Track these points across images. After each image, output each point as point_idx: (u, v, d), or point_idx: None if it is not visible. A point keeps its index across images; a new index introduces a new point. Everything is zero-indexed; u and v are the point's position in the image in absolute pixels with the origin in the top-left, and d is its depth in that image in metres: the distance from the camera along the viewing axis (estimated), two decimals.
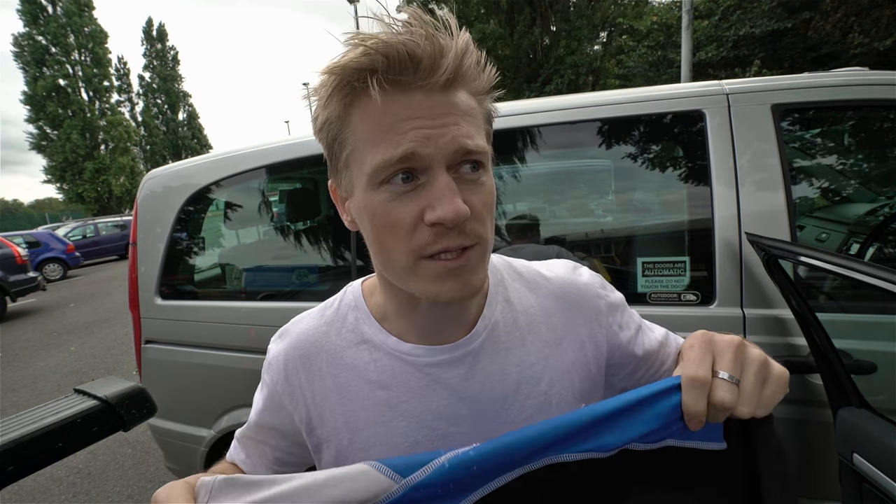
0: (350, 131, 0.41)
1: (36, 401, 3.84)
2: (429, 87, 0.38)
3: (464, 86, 0.41)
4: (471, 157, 0.40)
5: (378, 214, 0.40)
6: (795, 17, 7.64)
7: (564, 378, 0.52)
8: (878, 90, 1.10)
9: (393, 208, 0.39)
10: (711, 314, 1.13)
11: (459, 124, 0.39)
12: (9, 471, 0.38)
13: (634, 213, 1.47)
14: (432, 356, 0.49)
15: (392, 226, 0.40)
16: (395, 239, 0.40)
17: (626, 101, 1.27)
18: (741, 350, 0.38)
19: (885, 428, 0.84)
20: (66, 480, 2.73)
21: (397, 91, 0.38)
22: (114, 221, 14.85)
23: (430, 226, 0.39)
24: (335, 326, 0.53)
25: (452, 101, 0.39)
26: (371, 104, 0.38)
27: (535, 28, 14.61)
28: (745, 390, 0.37)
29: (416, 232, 0.39)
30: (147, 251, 1.72)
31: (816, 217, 1.68)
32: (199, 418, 1.66)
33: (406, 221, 0.39)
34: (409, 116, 0.38)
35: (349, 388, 0.50)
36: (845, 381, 0.92)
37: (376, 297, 0.53)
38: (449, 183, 0.38)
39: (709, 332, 0.41)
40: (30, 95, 24.28)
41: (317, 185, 1.72)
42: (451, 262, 0.40)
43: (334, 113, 0.41)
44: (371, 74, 0.37)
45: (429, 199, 0.38)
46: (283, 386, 0.52)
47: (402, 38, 0.36)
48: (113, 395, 0.47)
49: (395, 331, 0.50)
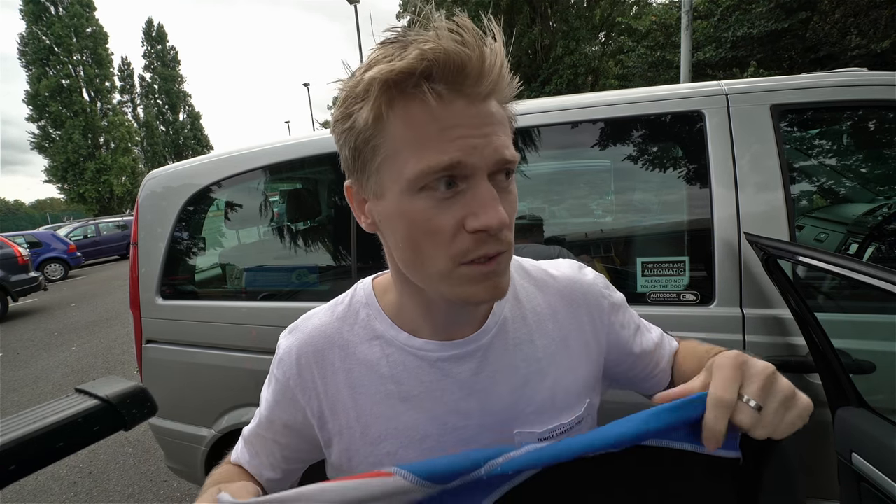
0: (388, 135, 0.39)
1: (37, 400, 3.84)
2: (473, 95, 0.38)
3: (496, 94, 0.41)
4: (507, 166, 0.41)
5: (418, 220, 0.40)
6: (793, 17, 7.64)
7: (569, 374, 0.54)
8: (877, 91, 1.10)
9: (434, 215, 0.39)
10: (711, 314, 1.13)
11: (499, 134, 0.40)
12: (10, 470, 0.38)
13: (634, 214, 1.47)
14: (444, 351, 0.50)
15: (433, 232, 0.40)
16: (434, 245, 0.40)
17: (625, 102, 1.27)
18: (771, 380, 0.39)
19: (884, 427, 0.84)
20: (67, 479, 2.74)
21: (444, 98, 0.37)
22: (115, 221, 14.86)
23: (472, 232, 0.39)
24: (347, 322, 0.53)
25: (490, 111, 0.40)
26: (417, 109, 0.38)
27: (535, 27, 14.61)
28: (766, 417, 0.38)
29: (457, 238, 0.40)
30: (148, 251, 1.73)
31: (815, 217, 1.68)
32: (199, 418, 1.66)
33: (447, 228, 0.39)
34: (456, 124, 0.38)
35: (361, 383, 0.51)
36: (844, 381, 0.92)
37: (389, 294, 0.53)
38: (491, 191, 0.39)
39: (743, 355, 0.41)
40: (32, 95, 24.33)
41: (317, 186, 1.72)
42: (486, 266, 0.41)
43: (371, 115, 0.38)
44: (425, 80, 0.36)
45: (471, 207, 0.39)
46: (295, 381, 0.52)
47: (455, 47, 0.36)
48: (114, 394, 0.47)
49: (408, 327, 0.51)
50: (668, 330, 0.68)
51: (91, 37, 25.73)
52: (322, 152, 1.51)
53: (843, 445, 0.90)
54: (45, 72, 24.40)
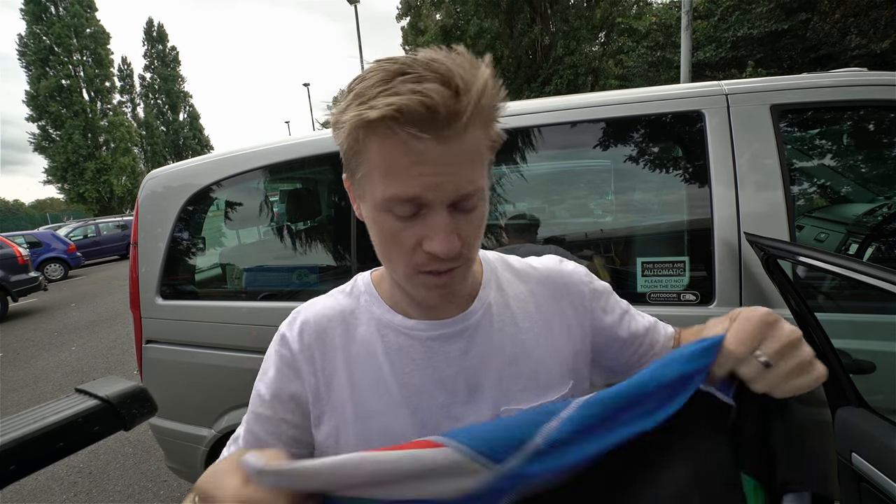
0: (366, 156, 0.43)
1: (37, 400, 3.84)
2: (443, 137, 0.40)
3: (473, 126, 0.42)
4: (468, 199, 0.44)
5: (384, 232, 0.46)
6: (793, 18, 7.64)
7: (553, 356, 0.57)
8: (877, 91, 1.10)
9: (397, 231, 0.45)
10: (711, 314, 1.13)
11: (464, 171, 0.42)
12: (10, 470, 0.38)
13: (634, 214, 1.47)
14: (433, 330, 0.54)
15: (397, 244, 0.45)
16: (398, 253, 0.46)
17: (625, 102, 1.27)
18: (793, 345, 0.41)
19: (884, 427, 0.84)
20: (67, 479, 2.74)
21: (415, 137, 0.39)
22: (115, 221, 14.86)
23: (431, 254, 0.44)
24: (349, 307, 0.58)
25: (461, 148, 0.41)
26: (389, 143, 0.41)
27: (535, 27, 14.61)
28: (772, 375, 0.40)
29: (415, 253, 0.45)
30: (148, 251, 1.73)
31: (815, 217, 1.68)
32: (199, 418, 1.66)
33: (407, 244, 0.45)
34: (421, 161, 0.40)
35: (357, 361, 0.54)
36: (844, 381, 0.92)
37: (385, 283, 0.58)
38: (445, 221, 0.43)
39: (773, 314, 0.43)
40: (32, 95, 24.33)
41: (317, 185, 1.72)
42: (440, 278, 0.46)
43: (351, 141, 0.43)
44: (393, 122, 0.39)
45: (426, 231, 0.43)
46: (299, 352, 0.54)
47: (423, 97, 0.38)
48: (114, 394, 0.47)
49: (401, 310, 0.56)
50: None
51: (91, 37, 25.74)
52: (322, 152, 1.51)
53: (843, 445, 0.90)
54: (45, 72, 24.42)
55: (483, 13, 14.80)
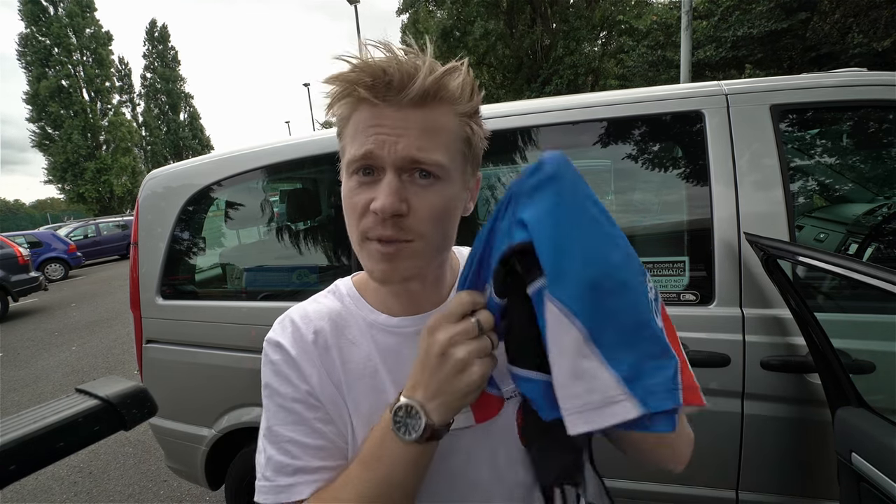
0: (344, 130, 0.50)
1: (37, 400, 3.84)
2: (399, 102, 0.45)
3: (444, 104, 0.47)
4: (419, 166, 0.46)
5: (346, 197, 0.49)
6: (794, 17, 7.63)
7: None
8: (877, 91, 1.10)
9: (354, 195, 0.48)
10: (710, 314, 1.13)
11: (415, 137, 0.45)
12: (10, 470, 0.38)
13: (634, 214, 1.47)
14: (416, 325, 0.55)
15: (352, 208, 0.48)
16: (351, 219, 0.49)
17: (625, 102, 1.27)
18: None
19: (884, 427, 0.85)
20: (67, 479, 2.74)
21: (377, 105, 0.46)
22: (115, 221, 14.87)
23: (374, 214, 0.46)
24: (334, 310, 0.58)
25: (419, 118, 0.46)
26: (360, 111, 0.47)
27: (536, 28, 14.62)
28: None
29: (365, 217, 0.47)
30: (148, 251, 1.73)
31: (815, 217, 1.68)
32: (199, 418, 1.66)
33: (359, 206, 0.48)
34: (375, 124, 0.46)
35: (348, 362, 0.55)
36: (844, 381, 0.92)
37: (368, 285, 0.60)
38: (392, 182, 0.46)
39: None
40: (32, 95, 24.33)
41: (317, 185, 1.72)
42: (383, 247, 0.47)
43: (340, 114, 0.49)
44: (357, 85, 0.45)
45: (375, 192, 0.46)
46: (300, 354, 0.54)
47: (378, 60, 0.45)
48: (114, 394, 0.47)
49: (385, 309, 0.57)
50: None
51: (91, 37, 25.73)
52: (322, 152, 1.51)
53: (843, 445, 0.90)
54: (45, 72, 24.40)
55: (486, 14, 14.81)
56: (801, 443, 1.10)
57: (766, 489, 1.14)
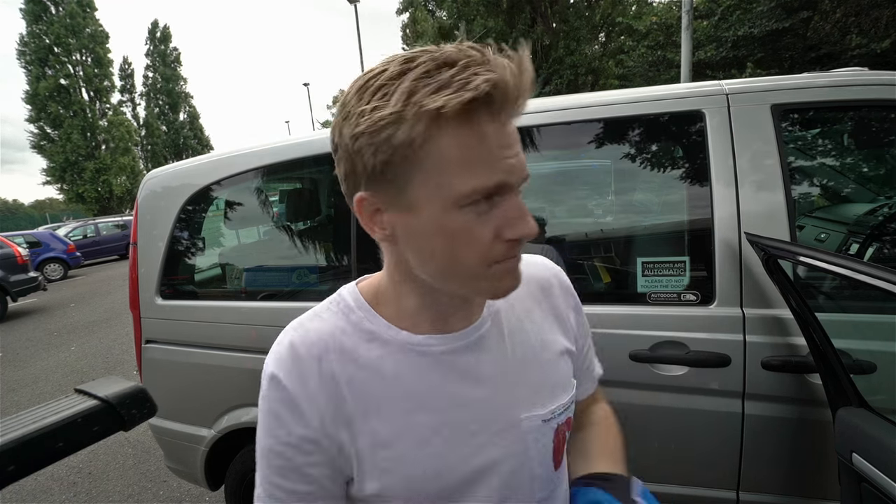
0: (433, 154, 0.39)
1: (37, 400, 3.84)
2: (505, 119, 0.40)
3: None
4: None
5: (459, 233, 0.42)
6: (794, 17, 7.63)
7: (560, 357, 0.58)
8: (878, 90, 1.10)
9: (475, 227, 0.42)
10: (711, 314, 1.13)
11: (522, 152, 0.43)
12: (9, 470, 0.38)
13: (634, 214, 1.47)
14: (446, 344, 0.51)
15: (470, 242, 0.42)
16: (471, 253, 0.43)
17: (625, 102, 1.27)
18: None
19: (885, 428, 0.84)
20: (66, 480, 2.74)
21: (489, 120, 0.39)
22: (114, 221, 14.86)
23: (507, 241, 0.43)
24: (339, 327, 0.51)
25: (514, 129, 0.42)
26: (466, 132, 0.39)
27: (536, 27, 14.61)
28: None
29: (494, 245, 0.43)
30: (147, 251, 1.72)
31: (816, 217, 1.68)
32: (199, 418, 1.66)
33: (486, 238, 0.42)
34: (500, 146, 0.40)
35: (364, 388, 0.48)
36: (844, 381, 0.92)
37: (381, 296, 0.52)
38: (522, 204, 0.43)
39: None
40: (32, 95, 24.32)
41: (317, 185, 1.72)
42: (514, 261, 0.45)
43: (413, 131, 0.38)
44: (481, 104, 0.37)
45: (506, 219, 0.42)
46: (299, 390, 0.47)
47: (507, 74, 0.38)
48: (113, 394, 0.47)
49: (406, 325, 0.51)
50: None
51: (91, 37, 25.72)
52: (322, 152, 1.51)
53: (844, 445, 0.90)
54: (45, 72, 24.40)
55: (486, 13, 14.81)
56: (802, 443, 1.10)
57: (766, 489, 1.14)
